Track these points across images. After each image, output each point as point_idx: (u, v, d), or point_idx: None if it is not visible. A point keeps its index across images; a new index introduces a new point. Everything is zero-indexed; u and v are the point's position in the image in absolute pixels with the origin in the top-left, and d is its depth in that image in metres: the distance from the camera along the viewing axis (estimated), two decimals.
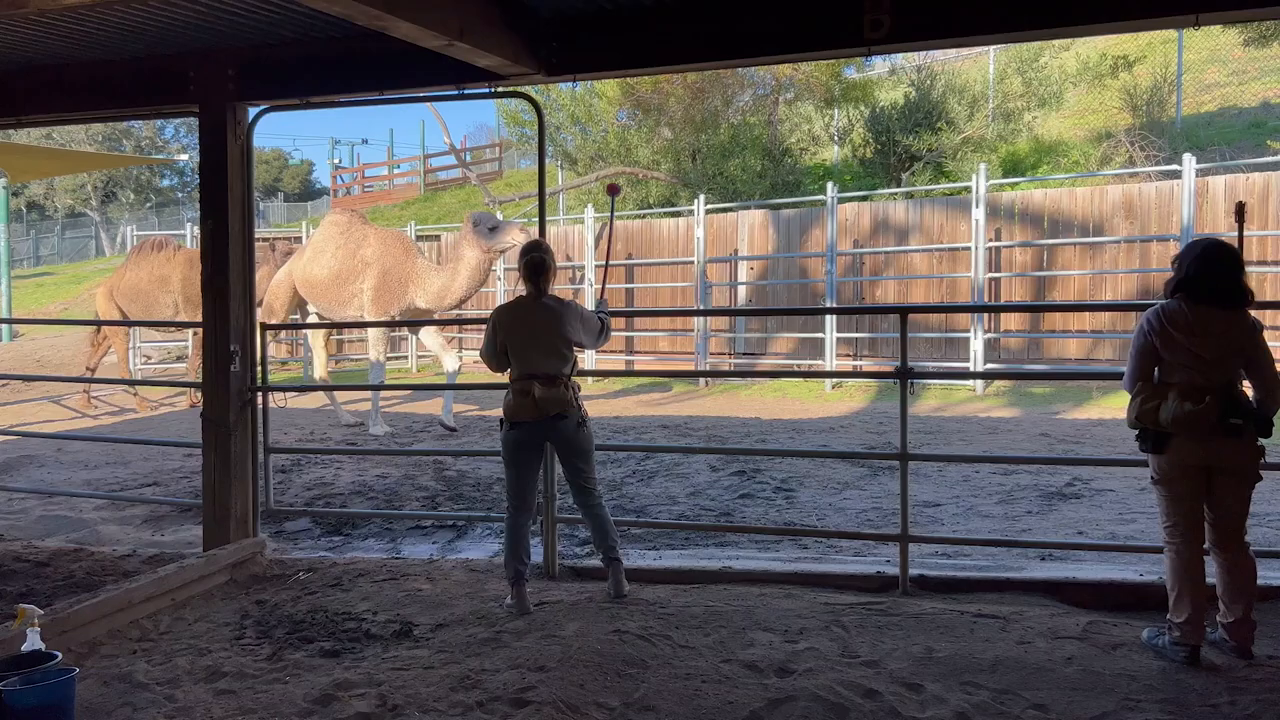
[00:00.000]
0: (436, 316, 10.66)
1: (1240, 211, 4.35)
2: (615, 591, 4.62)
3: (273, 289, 11.78)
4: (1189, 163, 11.10)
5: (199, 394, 5.83)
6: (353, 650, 4.10)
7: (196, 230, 11.75)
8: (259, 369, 5.73)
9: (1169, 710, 3.38)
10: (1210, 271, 3.73)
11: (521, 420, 4.49)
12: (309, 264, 11.22)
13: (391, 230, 12.29)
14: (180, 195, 43.92)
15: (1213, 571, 3.90)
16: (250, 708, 3.53)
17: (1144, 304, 12.32)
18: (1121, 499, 6.61)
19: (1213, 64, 19.51)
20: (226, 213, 5.48)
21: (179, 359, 17.44)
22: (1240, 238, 4.25)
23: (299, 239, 17.90)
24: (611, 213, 5.63)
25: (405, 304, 10.69)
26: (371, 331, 11.25)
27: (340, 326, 18.06)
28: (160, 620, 4.54)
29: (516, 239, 9.92)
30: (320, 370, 11.82)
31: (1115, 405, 10.75)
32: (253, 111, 5.60)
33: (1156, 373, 3.84)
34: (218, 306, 5.53)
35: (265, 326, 5.91)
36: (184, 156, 37.69)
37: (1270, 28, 15.77)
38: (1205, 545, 3.89)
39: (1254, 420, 3.69)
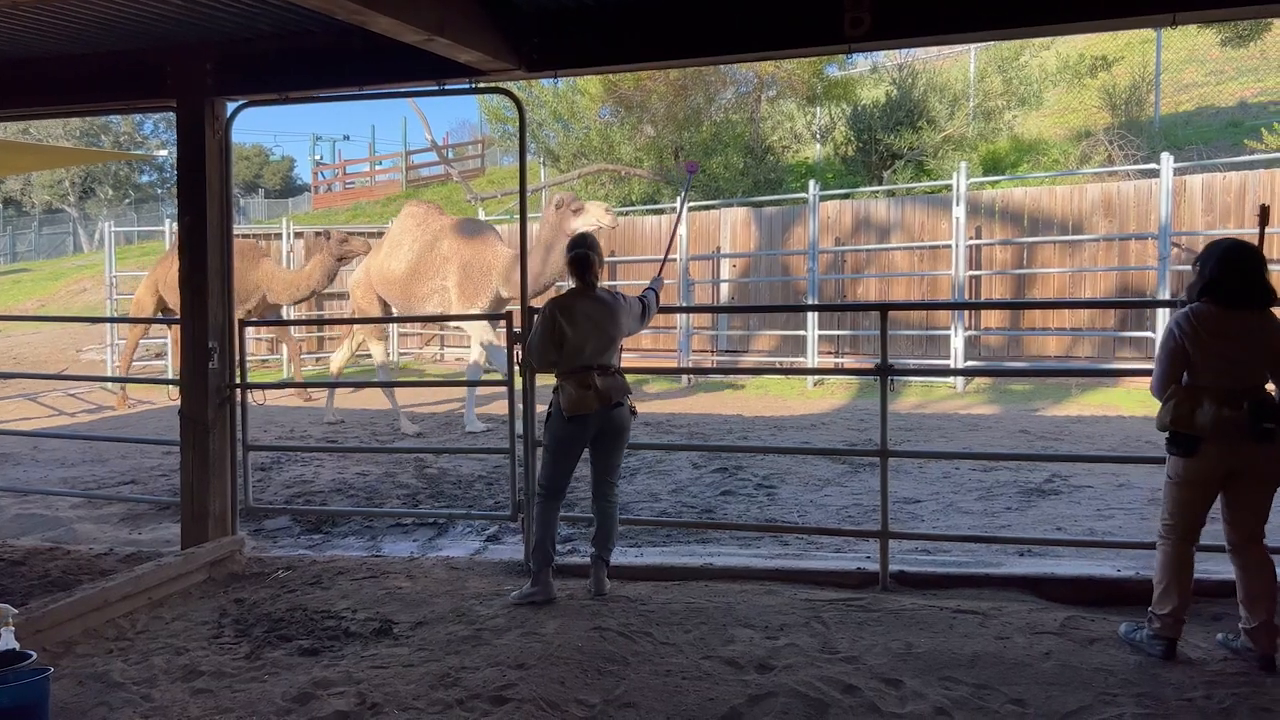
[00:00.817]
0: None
1: (1264, 215, 4.24)
2: (596, 590, 4.64)
3: (354, 288, 11.33)
4: (1167, 162, 11.18)
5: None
6: (332, 648, 4.08)
7: (175, 227, 11.68)
8: (238, 366, 5.69)
9: (1145, 705, 3.40)
10: (1235, 272, 3.68)
11: (583, 413, 4.52)
12: (386, 259, 10.69)
13: (470, 219, 11.55)
14: (159, 191, 43.57)
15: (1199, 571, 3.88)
16: (228, 707, 3.50)
17: (1122, 302, 12.37)
18: (1100, 495, 6.66)
19: (1191, 64, 19.67)
20: (205, 209, 5.43)
21: (158, 356, 17.30)
22: (1261, 238, 4.19)
23: (278, 236, 17.78)
24: (685, 192, 5.51)
25: (491, 295, 10.14)
26: (473, 326, 10.61)
27: (317, 324, 17.96)
28: (137, 619, 4.51)
29: (602, 220, 9.36)
30: (337, 365, 11.71)
31: (1094, 402, 10.83)
32: (231, 106, 5.56)
33: (1185, 376, 3.78)
34: (195, 303, 5.49)
35: (244, 322, 5.86)
36: (163, 152, 37.42)
37: (1247, 28, 15.91)
38: (1214, 547, 3.90)
39: None
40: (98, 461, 8.73)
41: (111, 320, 11.74)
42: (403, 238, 10.70)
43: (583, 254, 4.64)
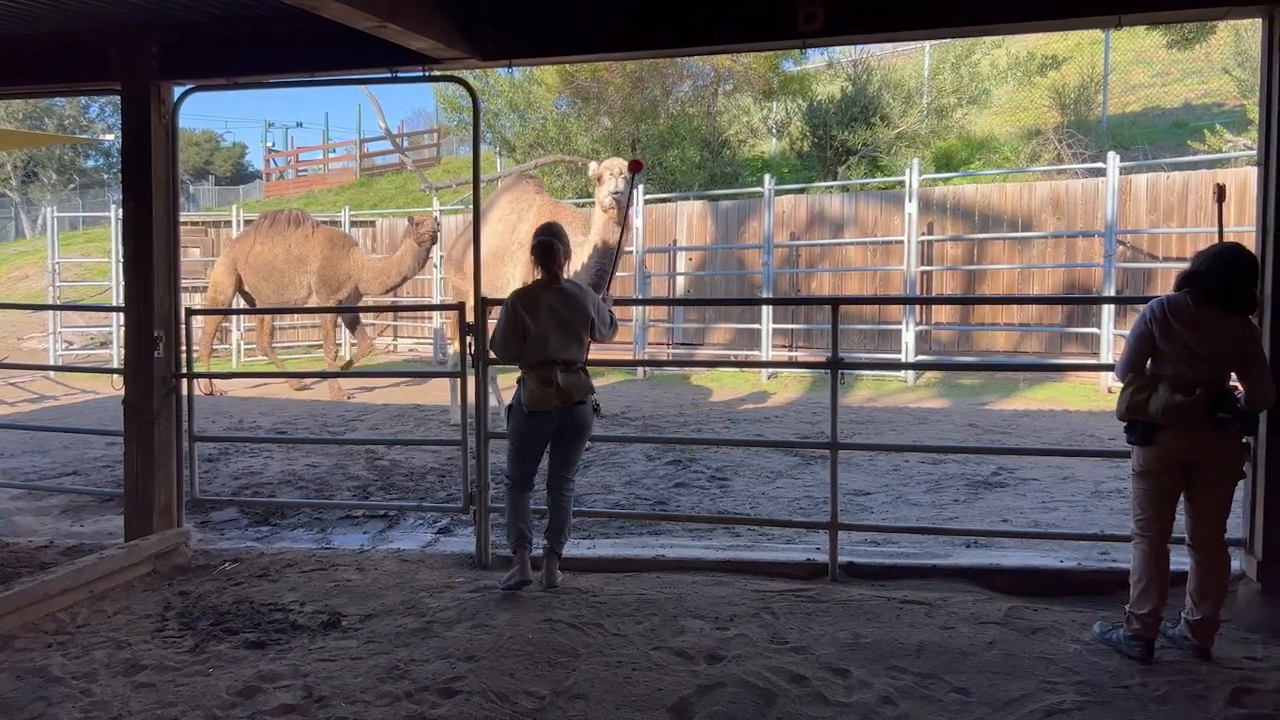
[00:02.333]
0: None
1: (1220, 193, 4.36)
2: (548, 582, 4.60)
3: (447, 269, 10.78)
4: (1113, 161, 11.39)
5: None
6: (278, 641, 4.03)
7: (120, 212, 11.41)
8: (184, 355, 5.59)
9: (1084, 692, 3.48)
10: (1227, 273, 3.67)
11: (543, 409, 4.44)
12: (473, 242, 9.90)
13: (549, 202, 9.86)
14: (105, 176, 42.61)
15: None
16: (170, 701, 3.45)
17: (1070, 298, 12.59)
18: (1045, 488, 6.78)
19: (1138, 65, 20.06)
20: (150, 195, 5.33)
21: (102, 345, 16.94)
22: (1220, 219, 4.31)
23: (228, 223, 17.49)
24: (630, 190, 5.36)
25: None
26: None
27: (275, 313, 17.71)
28: (78, 613, 4.42)
29: (615, 185, 7.24)
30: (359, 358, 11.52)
31: (1041, 397, 11.03)
32: (178, 91, 5.45)
33: (1149, 364, 3.82)
34: (140, 290, 5.38)
35: (191, 311, 5.76)
36: (109, 136, 36.57)
37: (1192, 31, 16.25)
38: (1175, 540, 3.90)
39: (1240, 417, 3.69)
40: (38, 452, 8.53)
41: (59, 308, 11.45)
42: (489, 215, 9.41)
43: (546, 242, 4.49)
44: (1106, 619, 3.99)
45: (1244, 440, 3.81)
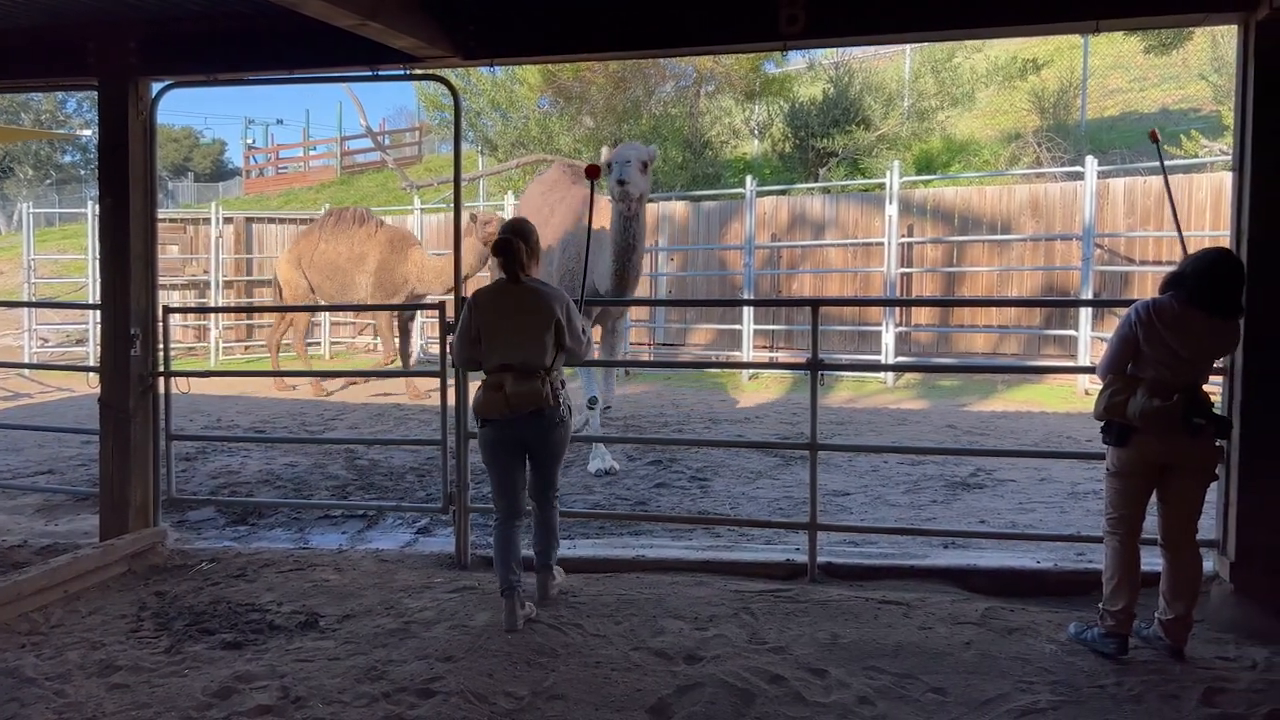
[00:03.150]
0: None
1: (1154, 138, 4.44)
2: (541, 595, 4.36)
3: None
4: (1091, 165, 11.49)
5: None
6: (255, 642, 4.01)
7: (97, 209, 11.31)
8: (160, 353, 5.55)
9: (1059, 692, 3.51)
10: (1214, 278, 3.68)
11: (491, 417, 4.10)
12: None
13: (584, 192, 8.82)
14: (83, 172, 42.20)
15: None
16: (145, 702, 3.43)
17: (1048, 301, 12.67)
18: (1022, 489, 6.83)
19: (1116, 70, 20.24)
20: (127, 191, 5.29)
21: (78, 343, 16.79)
22: (1161, 160, 4.42)
23: (206, 220, 17.35)
24: (591, 197, 4.97)
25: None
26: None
27: (254, 310, 17.61)
28: (51, 613, 4.38)
29: (617, 174, 6.70)
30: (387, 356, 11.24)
31: (1019, 398, 11.11)
32: (156, 87, 5.42)
33: (1129, 366, 3.84)
34: (117, 288, 5.34)
35: (169, 309, 5.72)
36: (86, 132, 36.17)
37: (1169, 37, 16.42)
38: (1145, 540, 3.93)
39: (1214, 422, 3.73)
40: (12, 450, 8.44)
41: (34, 305, 11.32)
42: (524, 208, 8.94)
43: (504, 240, 4.13)
44: (1081, 620, 4.02)
45: (1218, 444, 3.85)
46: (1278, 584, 4.07)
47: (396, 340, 12.46)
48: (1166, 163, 12.84)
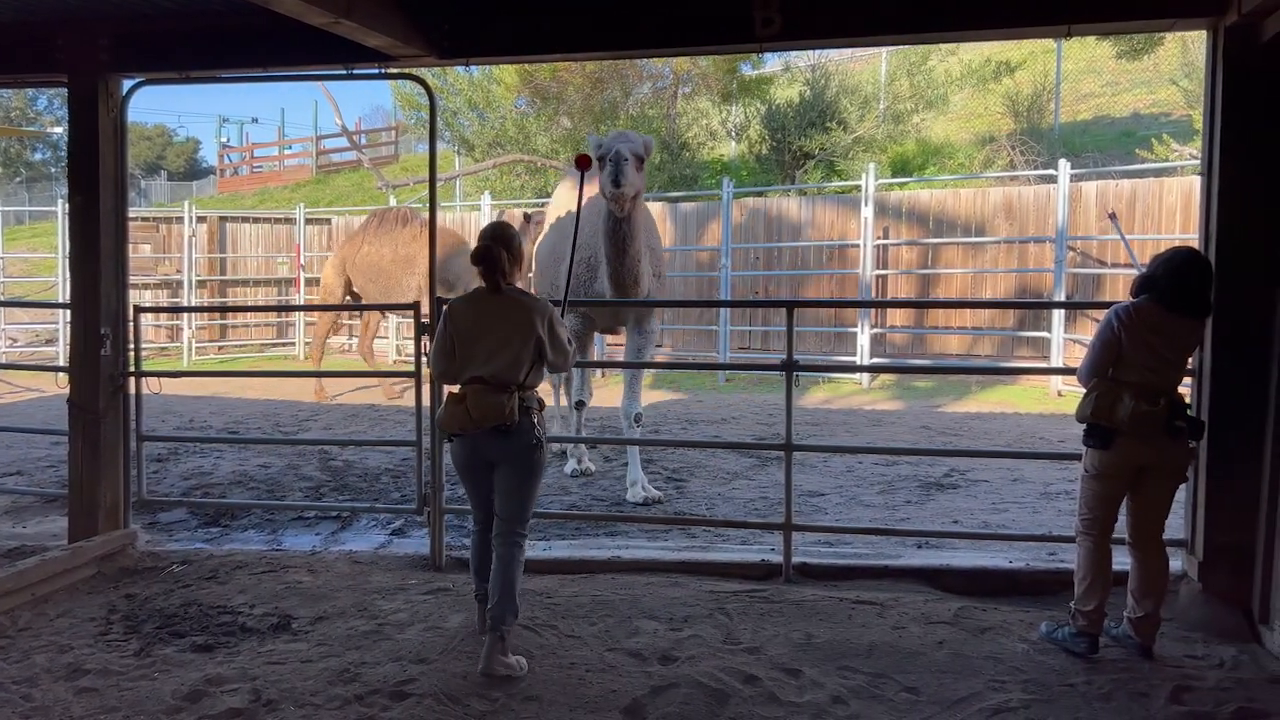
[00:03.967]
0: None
1: (1114, 218, 4.49)
2: (484, 664, 3.66)
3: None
4: (1064, 168, 11.60)
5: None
6: (227, 644, 3.97)
7: (67, 207, 11.17)
8: (131, 353, 5.50)
9: (1030, 690, 3.54)
10: (1188, 279, 3.74)
11: (455, 431, 3.82)
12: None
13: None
14: (53, 170, 41.67)
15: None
16: (114, 706, 3.39)
17: (1021, 303, 12.75)
18: (995, 489, 6.88)
19: (1089, 74, 20.43)
20: (98, 190, 5.23)
21: (48, 342, 16.58)
22: (1123, 237, 4.41)
23: (179, 219, 17.19)
24: (581, 189, 4.72)
25: None
26: None
27: (227, 310, 17.46)
28: (19, 616, 4.32)
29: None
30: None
31: (993, 399, 11.19)
32: (127, 84, 5.36)
33: (1110, 370, 3.85)
34: (87, 287, 5.28)
35: (140, 309, 5.66)
36: (58, 129, 35.74)
37: (1141, 42, 16.60)
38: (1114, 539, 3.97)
39: (1190, 424, 3.79)
40: None
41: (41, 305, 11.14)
42: (549, 212, 8.71)
43: (482, 248, 3.83)
44: (1053, 619, 4.05)
45: (1191, 445, 3.92)
46: (1245, 583, 4.12)
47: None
48: (1138, 166, 12.93)
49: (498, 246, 3.83)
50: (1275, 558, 3.96)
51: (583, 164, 4.73)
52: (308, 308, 18.15)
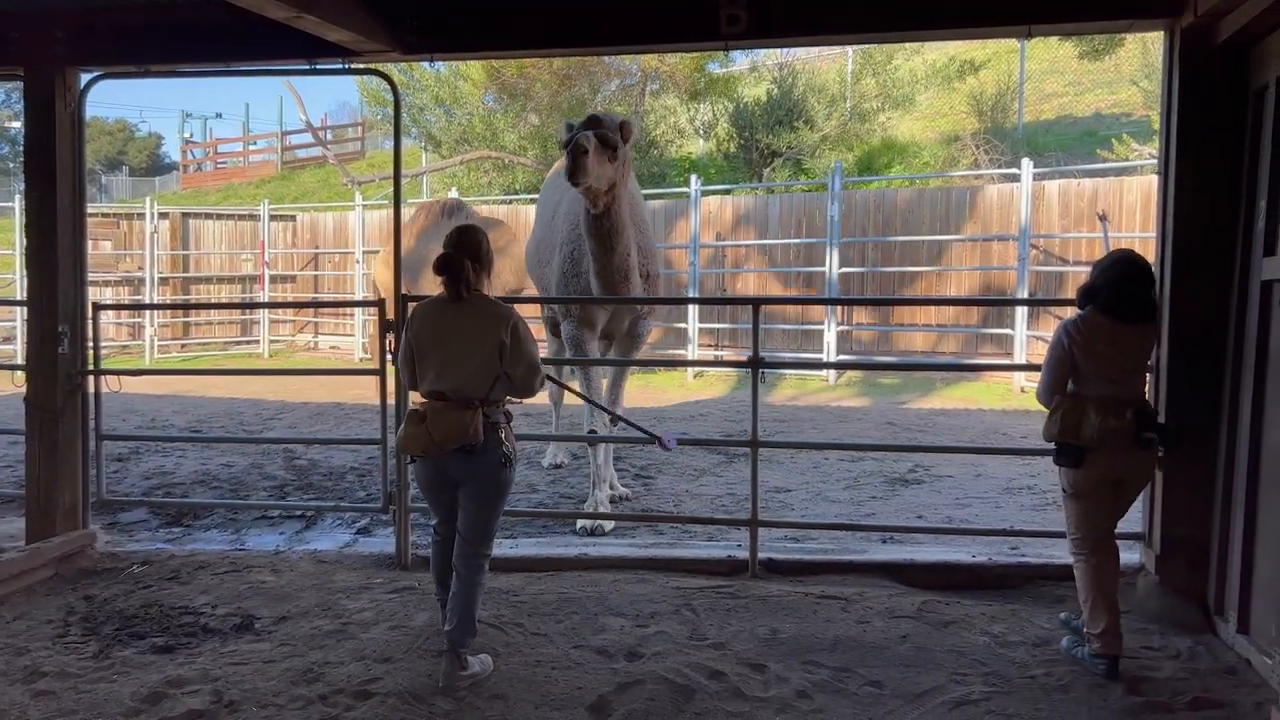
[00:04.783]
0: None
1: (1103, 219, 4.51)
2: (443, 683, 3.52)
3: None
4: (1027, 167, 11.73)
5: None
6: (188, 645, 3.93)
7: (25, 203, 10.96)
8: (90, 351, 5.41)
9: (992, 683, 3.58)
10: (1129, 286, 3.68)
11: (414, 453, 3.63)
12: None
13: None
14: (11, 165, 40.88)
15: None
16: (71, 709, 3.34)
17: (985, 300, 12.85)
18: (959, 484, 6.96)
19: (1052, 74, 20.70)
20: (55, 184, 5.15)
21: (5, 340, 16.29)
22: (1106, 238, 4.45)
23: (141, 215, 16.95)
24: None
25: None
26: None
27: (184, 308, 17.25)
28: None
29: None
30: None
31: (957, 396, 11.31)
32: (85, 77, 5.27)
33: (1070, 385, 3.77)
34: (44, 284, 5.19)
35: (99, 306, 5.57)
36: (16, 124, 35.15)
37: (1102, 43, 16.81)
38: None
39: (1161, 434, 3.74)
40: None
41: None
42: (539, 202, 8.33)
43: (444, 256, 3.61)
44: (1075, 635, 3.85)
45: (1159, 454, 3.88)
46: (1201, 576, 4.20)
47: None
48: (1099, 165, 13.08)
49: (461, 255, 3.62)
50: (1230, 551, 4.04)
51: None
52: (272, 305, 17.99)
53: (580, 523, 5.78)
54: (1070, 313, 3.96)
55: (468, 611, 3.60)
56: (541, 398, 5.62)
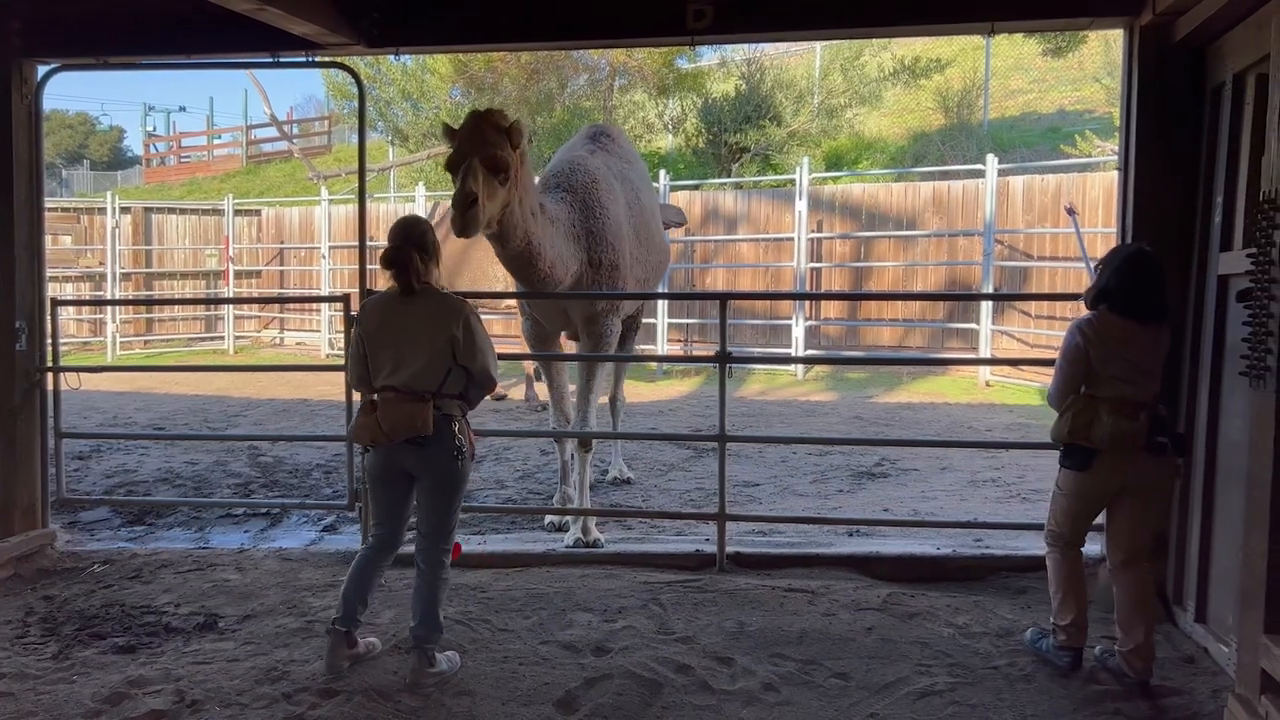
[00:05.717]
0: None
1: (1071, 212, 4.48)
2: (410, 681, 3.52)
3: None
4: (992, 163, 11.85)
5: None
6: (150, 645, 3.89)
7: None
8: (50, 348, 5.33)
9: (956, 673, 3.62)
10: (1143, 285, 3.54)
11: (368, 444, 3.62)
12: None
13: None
14: None
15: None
16: (30, 710, 3.29)
17: (951, 295, 12.90)
18: (924, 478, 7.02)
19: (1017, 72, 20.91)
20: (11, 179, 5.05)
21: None
22: (1078, 233, 4.47)
23: (102, 210, 16.69)
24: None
25: None
26: None
27: (147, 304, 17.02)
28: None
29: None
30: None
31: (923, 390, 11.41)
32: (42, 69, 5.19)
33: (1083, 387, 3.63)
34: (1, 279, 5.10)
35: (57, 302, 5.48)
36: None
37: (1066, 41, 17.00)
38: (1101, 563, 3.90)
39: (1175, 440, 3.60)
40: None
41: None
42: None
43: (393, 249, 3.58)
44: (1039, 626, 3.86)
45: (1178, 461, 3.68)
46: (1161, 567, 4.25)
47: None
48: (1063, 162, 13.21)
49: (408, 247, 3.57)
50: (1188, 542, 4.10)
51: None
52: (237, 300, 17.78)
53: (548, 519, 5.74)
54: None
55: (430, 608, 3.58)
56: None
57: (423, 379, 3.54)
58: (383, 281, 3.79)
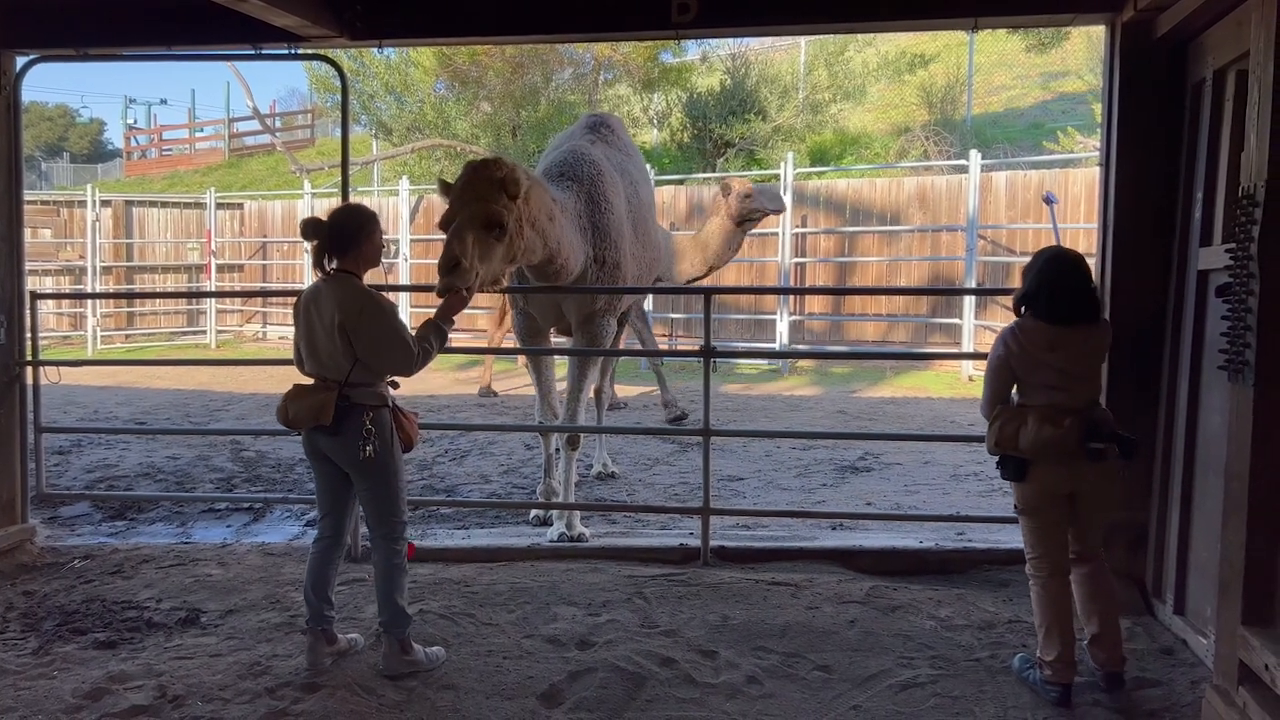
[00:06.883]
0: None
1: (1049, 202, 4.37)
2: (385, 667, 3.55)
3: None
4: (975, 159, 11.91)
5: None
6: (131, 640, 3.86)
7: None
8: (29, 341, 5.29)
9: (938, 666, 3.65)
10: (1064, 288, 3.42)
11: (282, 425, 3.63)
12: None
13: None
14: None
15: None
16: (9, 706, 3.27)
17: (934, 290, 12.97)
18: (907, 472, 7.05)
19: (1000, 68, 21.02)
20: None
21: None
22: (1055, 227, 4.48)
23: (82, 203, 16.55)
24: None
25: None
26: None
27: (124, 297, 16.89)
28: None
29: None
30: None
31: (907, 385, 11.46)
32: (20, 61, 5.13)
33: (1015, 395, 3.55)
34: None
35: (36, 295, 5.44)
36: None
37: (1049, 37, 17.11)
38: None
39: (1118, 443, 3.41)
40: None
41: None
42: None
43: (307, 222, 3.60)
44: (1027, 652, 3.66)
45: (1121, 465, 3.52)
46: (1140, 559, 4.29)
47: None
48: (1046, 157, 13.31)
49: (319, 231, 3.54)
50: (1167, 535, 4.14)
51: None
52: (219, 294, 17.69)
53: (533, 513, 5.74)
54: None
55: (388, 598, 3.56)
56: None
57: (330, 368, 3.50)
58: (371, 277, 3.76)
